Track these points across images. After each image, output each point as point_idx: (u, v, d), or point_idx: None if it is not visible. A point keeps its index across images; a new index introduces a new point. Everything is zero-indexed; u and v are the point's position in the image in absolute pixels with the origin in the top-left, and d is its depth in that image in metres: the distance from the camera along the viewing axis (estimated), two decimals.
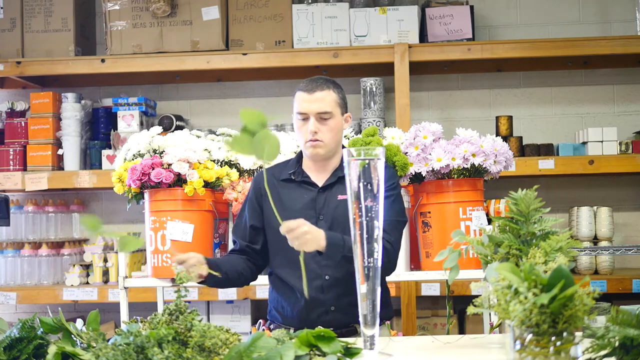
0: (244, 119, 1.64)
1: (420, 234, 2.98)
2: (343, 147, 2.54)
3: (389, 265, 2.43)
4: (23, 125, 4.31)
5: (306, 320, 2.37)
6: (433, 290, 3.98)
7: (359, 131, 4.18)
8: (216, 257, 3.05)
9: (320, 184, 2.49)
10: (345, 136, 3.08)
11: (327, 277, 2.42)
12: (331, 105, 2.45)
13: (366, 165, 1.69)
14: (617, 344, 1.36)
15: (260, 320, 2.63)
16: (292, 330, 2.40)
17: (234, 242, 2.60)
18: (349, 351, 1.67)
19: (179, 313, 1.46)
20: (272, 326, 2.54)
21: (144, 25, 4.28)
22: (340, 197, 2.46)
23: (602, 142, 4.10)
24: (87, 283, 4.21)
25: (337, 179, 2.47)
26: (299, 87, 2.49)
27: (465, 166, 2.87)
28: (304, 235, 2.18)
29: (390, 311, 2.57)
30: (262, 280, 2.66)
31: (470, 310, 1.61)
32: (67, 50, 4.33)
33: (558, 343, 1.33)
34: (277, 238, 2.46)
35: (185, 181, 2.90)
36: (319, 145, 2.44)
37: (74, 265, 4.24)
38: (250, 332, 3.26)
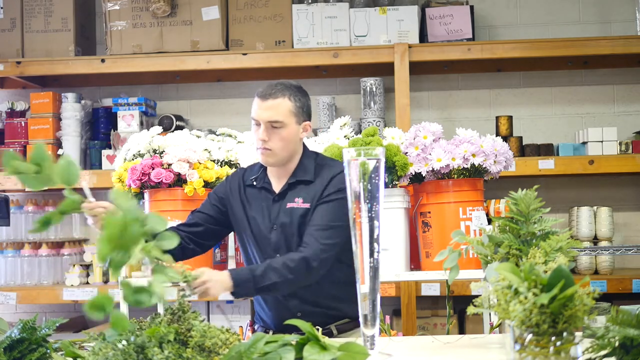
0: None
1: (420, 234, 2.98)
2: (305, 149, 2.52)
3: (310, 275, 2.34)
4: (23, 125, 4.31)
5: (280, 324, 2.36)
6: (433, 290, 3.97)
7: (359, 131, 4.18)
8: (215, 257, 3.05)
9: (277, 191, 2.47)
10: (345, 136, 3.08)
11: None
12: (284, 114, 2.39)
13: (366, 166, 1.69)
14: (617, 344, 1.36)
15: (248, 322, 2.65)
16: (271, 333, 2.41)
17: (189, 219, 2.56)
18: None
19: (182, 312, 1.46)
20: (256, 327, 2.55)
21: (144, 25, 4.28)
22: (288, 205, 2.44)
23: (602, 142, 4.10)
24: (87, 283, 4.21)
25: (288, 185, 2.45)
26: (257, 91, 2.45)
27: (465, 166, 2.87)
28: (202, 285, 2.16)
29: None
30: None
31: (470, 310, 1.61)
32: (67, 50, 4.33)
33: (558, 343, 1.33)
34: (245, 241, 2.47)
35: (185, 181, 2.90)
36: (268, 154, 2.41)
37: (74, 265, 4.24)
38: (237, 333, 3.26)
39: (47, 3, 4.35)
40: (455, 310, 4.25)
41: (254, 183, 2.49)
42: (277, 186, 2.47)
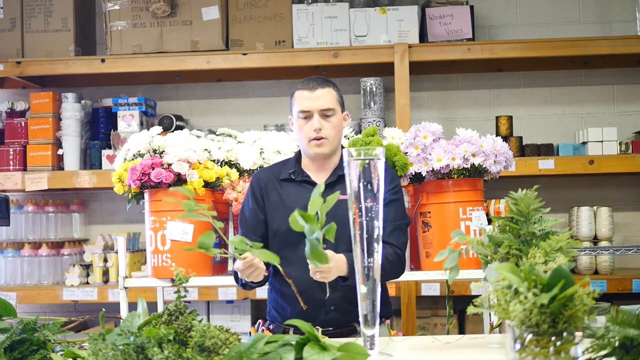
0: None
1: (420, 234, 2.98)
2: (342, 146, 2.55)
3: (400, 268, 2.49)
4: (23, 125, 4.31)
5: (306, 318, 2.35)
6: (433, 290, 3.97)
7: (359, 131, 4.18)
8: (215, 257, 3.05)
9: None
10: (345, 136, 3.07)
11: None
12: (333, 102, 2.47)
13: (366, 165, 1.69)
14: (617, 344, 1.37)
15: (260, 321, 2.63)
16: (291, 331, 2.41)
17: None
18: None
19: (179, 314, 1.46)
20: (271, 326, 2.54)
21: (144, 25, 4.28)
22: (341, 197, 2.45)
23: (602, 142, 4.10)
24: (87, 283, 4.21)
25: (337, 177, 2.47)
26: (298, 87, 2.50)
27: (465, 166, 2.87)
28: (327, 271, 2.20)
29: (389, 309, 2.57)
30: None
31: (470, 310, 1.61)
32: (67, 50, 4.33)
33: (558, 343, 1.33)
34: (278, 236, 2.47)
35: (185, 181, 2.90)
36: (323, 144, 2.45)
37: (74, 265, 4.24)
38: (250, 333, 3.26)
39: (47, 3, 4.35)
40: (455, 310, 4.25)
41: (292, 177, 2.50)
42: (318, 179, 2.49)
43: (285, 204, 2.48)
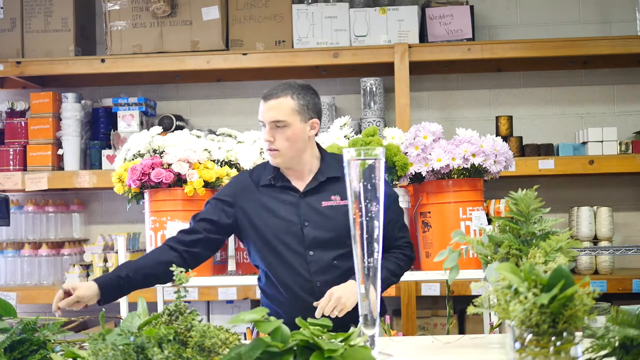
0: None
1: (420, 234, 2.98)
2: (319, 147, 2.52)
3: (412, 263, 2.56)
4: (23, 125, 4.31)
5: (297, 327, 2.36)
6: (433, 290, 3.97)
7: (359, 131, 4.18)
8: (215, 257, 3.04)
9: (301, 189, 2.45)
10: (345, 136, 3.07)
11: (318, 284, 2.40)
12: (285, 113, 2.39)
13: (366, 166, 1.69)
14: (617, 344, 1.37)
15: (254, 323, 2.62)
16: None
17: (190, 224, 2.51)
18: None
19: (179, 314, 1.46)
20: None
21: (144, 25, 4.28)
22: (324, 203, 2.43)
23: (602, 142, 4.10)
24: None
25: (319, 183, 2.44)
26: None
27: (465, 166, 2.87)
28: (339, 301, 2.22)
29: (383, 308, 2.57)
30: None
31: (470, 310, 1.61)
32: (67, 50, 4.33)
33: (558, 343, 1.33)
34: (266, 241, 2.45)
35: (185, 181, 2.91)
36: (275, 155, 2.41)
37: (74, 265, 4.24)
38: (245, 335, 3.25)
39: (47, 3, 4.35)
40: (455, 310, 4.25)
41: (272, 182, 2.47)
42: (298, 184, 2.46)
43: (267, 211, 2.44)
